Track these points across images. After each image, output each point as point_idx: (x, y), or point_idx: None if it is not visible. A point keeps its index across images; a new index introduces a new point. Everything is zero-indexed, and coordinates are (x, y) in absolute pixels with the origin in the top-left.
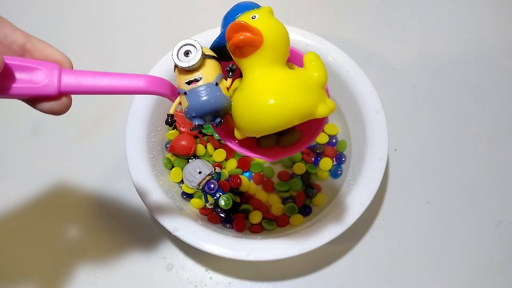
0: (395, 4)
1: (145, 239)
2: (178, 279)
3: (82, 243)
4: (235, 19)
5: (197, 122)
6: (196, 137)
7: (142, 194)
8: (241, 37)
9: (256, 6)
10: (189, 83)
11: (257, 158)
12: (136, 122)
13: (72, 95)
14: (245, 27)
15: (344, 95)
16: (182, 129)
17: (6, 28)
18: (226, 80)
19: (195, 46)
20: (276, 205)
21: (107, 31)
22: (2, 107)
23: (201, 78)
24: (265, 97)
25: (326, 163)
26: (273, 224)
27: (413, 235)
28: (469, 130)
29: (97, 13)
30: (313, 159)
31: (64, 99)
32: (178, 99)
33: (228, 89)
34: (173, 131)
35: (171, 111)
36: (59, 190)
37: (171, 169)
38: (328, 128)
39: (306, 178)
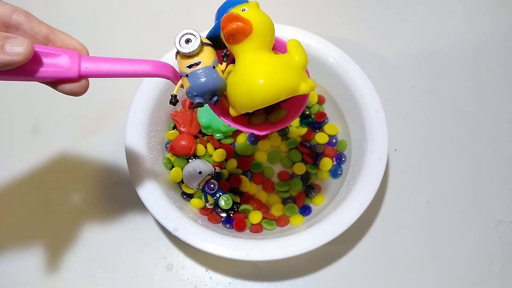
0: (395, 4)
1: (145, 239)
2: (178, 279)
3: (81, 243)
4: (228, 11)
5: (197, 100)
6: (196, 137)
7: (142, 194)
8: (234, 26)
9: (245, 1)
10: (190, 66)
11: (257, 159)
12: (136, 122)
13: (87, 79)
14: (237, 18)
15: (344, 95)
16: (182, 129)
17: (33, 21)
18: (221, 64)
19: (194, 35)
20: (276, 205)
21: (109, 32)
22: (3, 106)
23: (200, 62)
24: (256, 76)
25: (326, 163)
26: (273, 224)
27: (413, 235)
28: (469, 130)
29: (100, 15)
30: (313, 159)
31: (83, 82)
32: (180, 82)
33: (223, 72)
34: (173, 131)
35: (174, 92)
36: (59, 189)
37: (171, 169)
38: (328, 128)
39: (306, 178)
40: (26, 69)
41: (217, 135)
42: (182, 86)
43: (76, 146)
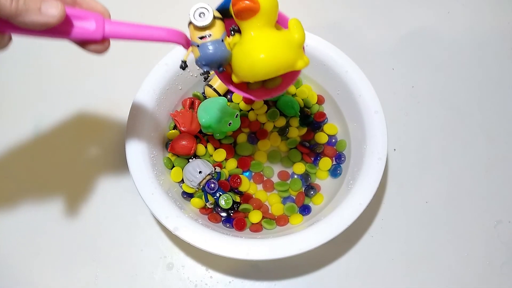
0: (395, 4)
1: (145, 239)
2: (179, 278)
3: (82, 243)
4: None
5: (205, 68)
6: (196, 137)
7: (142, 194)
8: (244, 4)
9: None
10: (201, 38)
11: (257, 159)
12: (136, 122)
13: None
14: None
15: (344, 95)
16: (182, 129)
17: None
18: (229, 37)
19: (208, 10)
20: (276, 205)
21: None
22: (5, 107)
23: (210, 35)
24: (259, 52)
25: (326, 162)
26: (273, 224)
27: (412, 234)
28: (468, 129)
29: None
30: (312, 159)
31: (106, 43)
32: (190, 49)
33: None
34: (173, 131)
35: (184, 58)
36: (59, 189)
37: (171, 168)
38: (328, 128)
39: (305, 178)
40: (58, 29)
41: (217, 134)
42: (193, 53)
43: (76, 146)
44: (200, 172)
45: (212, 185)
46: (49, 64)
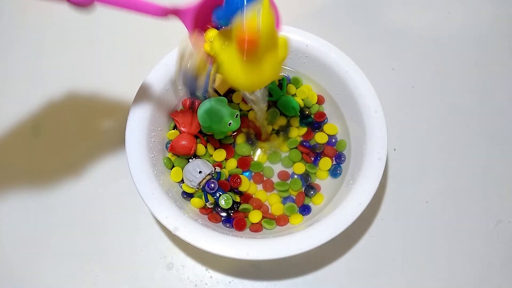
0: (395, 4)
1: (145, 239)
2: (179, 278)
3: (82, 243)
4: (244, 14)
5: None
6: (196, 137)
7: (142, 194)
8: (246, 47)
9: None
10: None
11: (257, 159)
12: (136, 122)
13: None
14: (250, 42)
15: (344, 95)
16: (182, 129)
17: None
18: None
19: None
20: (275, 205)
21: (110, 36)
22: (4, 108)
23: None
24: (247, 79)
25: (326, 162)
26: (273, 224)
27: (412, 235)
28: (468, 129)
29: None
30: (312, 158)
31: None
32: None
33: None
34: (173, 131)
35: (175, 77)
36: (59, 190)
37: (171, 168)
38: (328, 128)
39: (305, 178)
40: None
41: (217, 135)
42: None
43: (75, 146)
44: (200, 172)
45: (212, 185)
46: (46, 64)
